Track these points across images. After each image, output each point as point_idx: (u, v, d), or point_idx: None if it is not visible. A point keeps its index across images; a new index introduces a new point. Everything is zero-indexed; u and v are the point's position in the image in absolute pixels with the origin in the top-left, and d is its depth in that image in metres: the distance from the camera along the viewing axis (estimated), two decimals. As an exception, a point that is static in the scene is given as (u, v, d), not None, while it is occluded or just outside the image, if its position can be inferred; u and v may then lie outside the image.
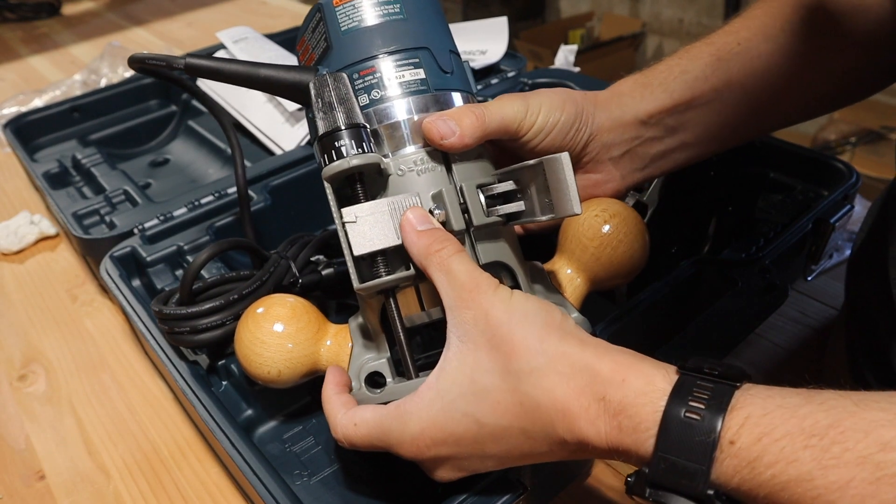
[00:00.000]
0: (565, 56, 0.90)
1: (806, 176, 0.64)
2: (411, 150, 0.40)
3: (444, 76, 0.42)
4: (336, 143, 0.38)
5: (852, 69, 0.47)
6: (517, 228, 0.48)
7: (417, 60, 0.41)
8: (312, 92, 0.39)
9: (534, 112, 0.42)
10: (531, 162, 0.37)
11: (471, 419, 0.34)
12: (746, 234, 0.55)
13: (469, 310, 0.35)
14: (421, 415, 0.35)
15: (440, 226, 0.38)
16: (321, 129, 0.38)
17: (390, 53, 0.40)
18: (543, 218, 0.37)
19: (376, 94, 0.40)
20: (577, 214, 0.36)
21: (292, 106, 0.80)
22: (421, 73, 0.41)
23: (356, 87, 0.40)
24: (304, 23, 0.44)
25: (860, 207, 0.65)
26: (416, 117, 0.40)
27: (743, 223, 0.61)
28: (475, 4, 2.97)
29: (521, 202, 0.39)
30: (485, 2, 2.98)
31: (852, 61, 0.47)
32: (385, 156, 0.40)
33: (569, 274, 0.45)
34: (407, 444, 0.36)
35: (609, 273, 0.45)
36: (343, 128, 0.38)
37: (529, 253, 0.45)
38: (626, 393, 0.31)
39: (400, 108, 0.40)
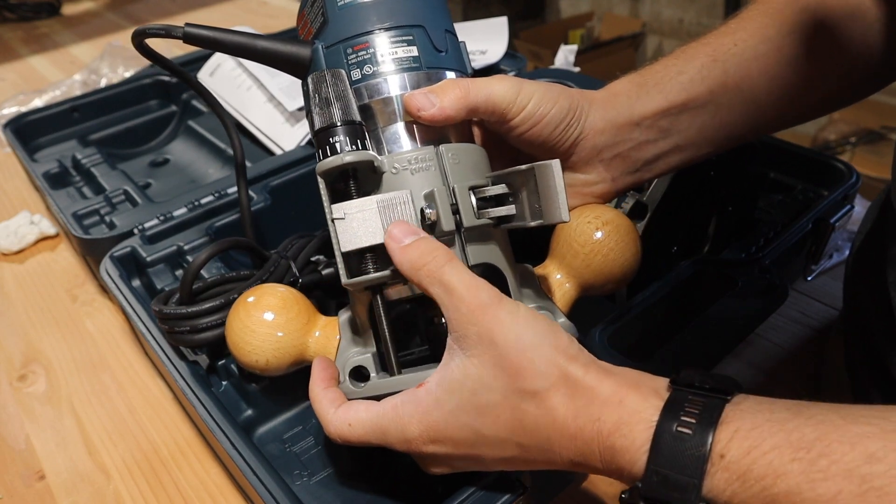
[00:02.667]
0: (565, 56, 0.90)
1: (806, 176, 0.64)
2: (406, 149, 0.40)
3: (437, 55, 0.42)
4: (331, 139, 0.38)
5: (848, 72, 0.47)
6: None
7: (411, 38, 0.41)
8: (310, 86, 0.39)
9: (525, 97, 0.41)
10: (523, 167, 0.37)
11: (469, 429, 0.35)
12: (746, 234, 0.55)
13: (473, 325, 0.34)
14: (420, 419, 0.36)
15: (426, 234, 0.37)
16: (317, 125, 0.39)
17: (385, 30, 0.41)
18: (533, 223, 0.38)
19: (369, 69, 0.40)
20: (566, 222, 0.36)
21: (292, 106, 0.80)
22: (414, 51, 0.41)
23: (349, 62, 0.41)
24: None
25: (860, 207, 0.64)
26: (407, 93, 0.40)
27: (743, 223, 0.61)
28: (475, 4, 2.97)
29: (513, 206, 0.39)
30: (485, 2, 2.98)
31: (848, 64, 0.47)
32: (381, 153, 0.40)
33: (559, 279, 0.45)
34: (404, 443, 0.37)
35: (600, 279, 0.45)
36: (338, 124, 0.38)
37: (522, 253, 0.45)
38: (622, 413, 0.31)
39: (391, 84, 0.40)
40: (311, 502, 0.46)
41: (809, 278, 0.62)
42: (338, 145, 0.38)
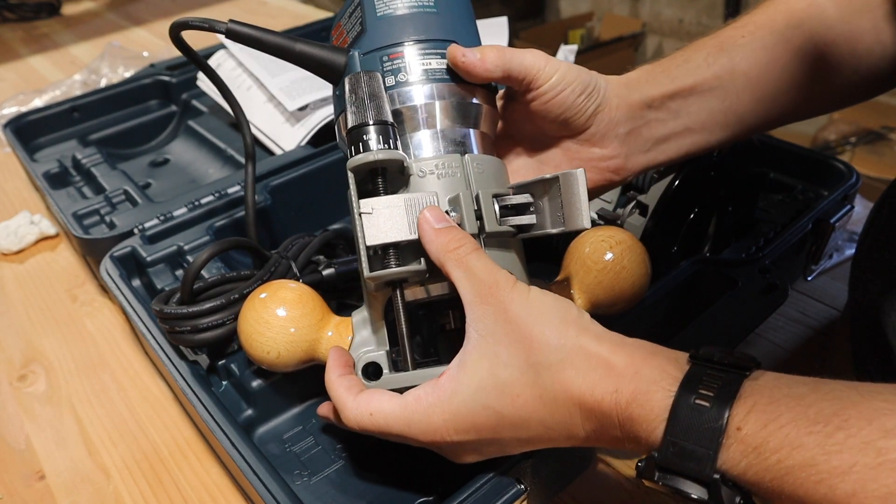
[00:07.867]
0: (565, 56, 0.90)
1: (806, 176, 0.64)
2: (434, 155, 0.42)
3: None
4: (364, 137, 0.39)
5: (858, 67, 0.48)
6: None
7: (444, 51, 0.43)
8: (347, 87, 0.41)
9: (552, 68, 0.44)
10: (547, 176, 0.39)
11: (491, 411, 0.35)
12: (746, 234, 0.55)
13: (488, 305, 0.36)
14: (444, 407, 0.36)
15: (456, 225, 0.39)
16: (350, 123, 0.40)
17: (419, 42, 0.42)
18: (554, 231, 0.39)
19: (402, 77, 0.42)
20: (587, 229, 0.38)
21: (292, 106, 0.80)
22: (445, 63, 0.43)
23: (384, 70, 0.42)
24: (340, 10, 0.47)
25: (860, 207, 0.65)
26: (436, 102, 0.42)
27: (743, 223, 0.61)
28: (475, 4, 2.97)
29: (533, 216, 0.41)
30: (485, 2, 2.98)
31: (859, 60, 0.47)
32: (408, 156, 0.41)
33: (571, 295, 0.45)
34: (429, 434, 0.37)
35: (610, 298, 0.45)
36: (371, 123, 0.39)
37: (534, 253, 0.45)
38: (639, 384, 0.32)
39: (422, 93, 0.42)
40: (311, 502, 0.46)
41: (809, 278, 0.62)
42: (370, 143, 0.39)
